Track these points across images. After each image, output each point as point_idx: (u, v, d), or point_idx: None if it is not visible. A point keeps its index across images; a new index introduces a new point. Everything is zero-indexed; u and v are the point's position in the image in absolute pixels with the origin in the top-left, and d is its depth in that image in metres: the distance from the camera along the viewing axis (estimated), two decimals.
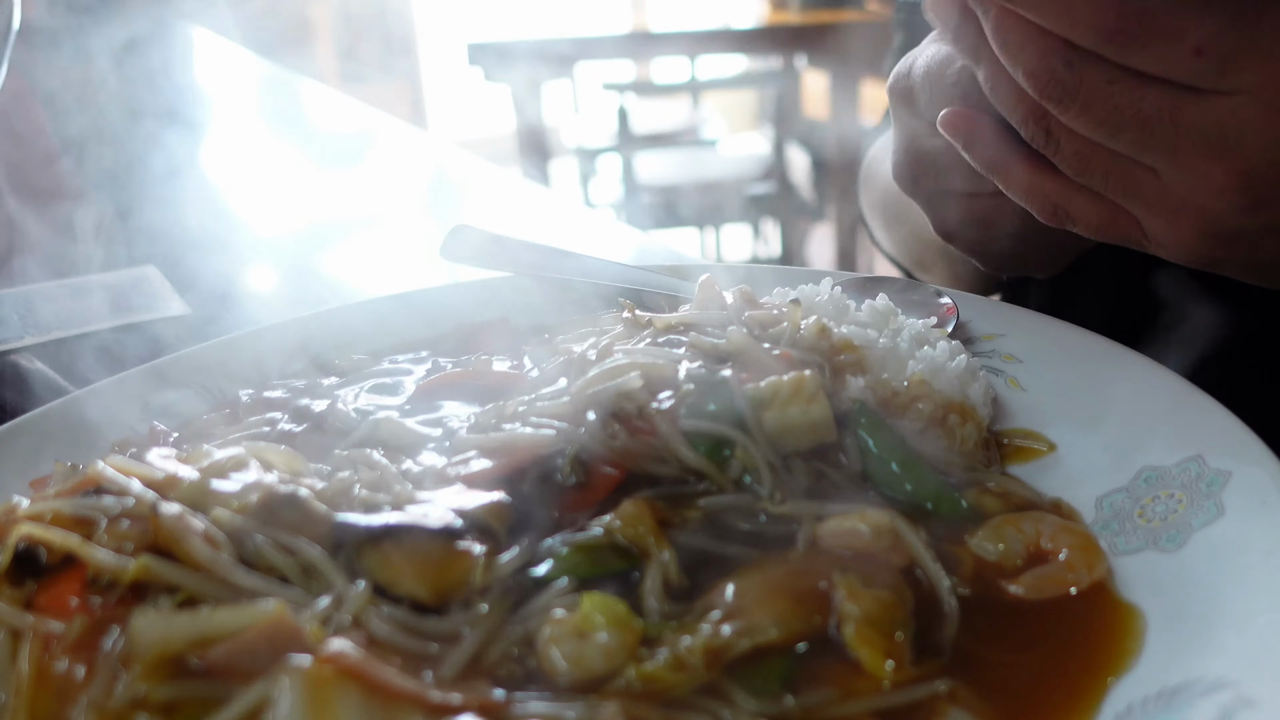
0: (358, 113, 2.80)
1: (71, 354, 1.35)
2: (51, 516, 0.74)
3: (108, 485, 0.78)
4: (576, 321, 1.23)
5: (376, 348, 1.22)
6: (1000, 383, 1.03)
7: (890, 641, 0.68)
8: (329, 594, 0.70)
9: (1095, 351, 1.00)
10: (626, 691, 0.66)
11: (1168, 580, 0.74)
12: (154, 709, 0.62)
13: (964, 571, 0.78)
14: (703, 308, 1.05)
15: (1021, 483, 0.89)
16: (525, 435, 0.85)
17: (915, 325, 1.05)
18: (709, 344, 0.95)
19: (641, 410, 0.85)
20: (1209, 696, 0.60)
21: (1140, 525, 0.80)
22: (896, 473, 0.86)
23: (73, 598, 0.70)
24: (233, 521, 0.73)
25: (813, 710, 0.65)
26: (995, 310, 1.13)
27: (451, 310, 1.28)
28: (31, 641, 0.68)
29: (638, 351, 0.94)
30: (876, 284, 1.19)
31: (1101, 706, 0.65)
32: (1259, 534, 0.72)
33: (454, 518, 0.76)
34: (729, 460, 0.83)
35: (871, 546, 0.76)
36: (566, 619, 0.69)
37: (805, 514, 0.79)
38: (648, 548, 0.76)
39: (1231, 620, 0.67)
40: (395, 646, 0.67)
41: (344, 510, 0.78)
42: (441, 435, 0.96)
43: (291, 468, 0.86)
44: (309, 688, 0.59)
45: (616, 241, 1.87)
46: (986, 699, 0.66)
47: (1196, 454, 0.82)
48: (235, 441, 0.93)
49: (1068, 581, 0.76)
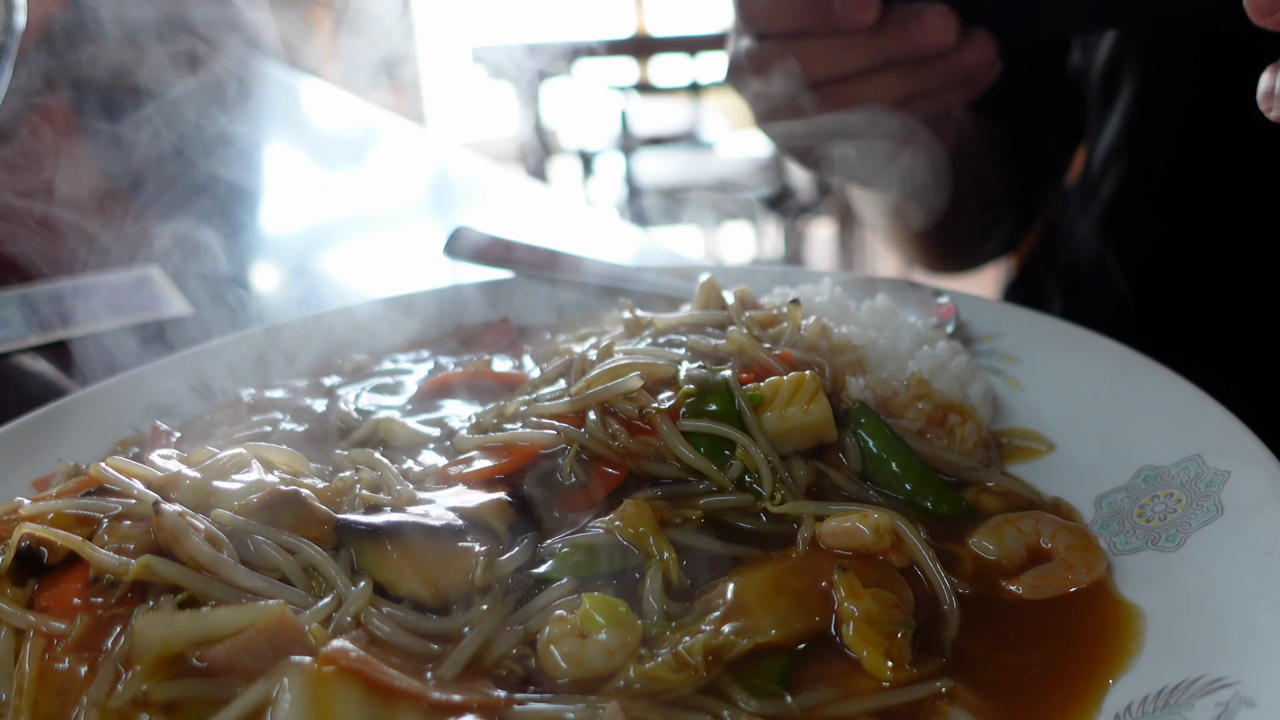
0: (359, 111, 2.80)
1: (74, 354, 1.36)
2: (54, 516, 0.75)
3: (109, 485, 0.78)
4: (577, 322, 1.23)
5: (377, 348, 1.22)
6: (1000, 383, 1.03)
7: (890, 641, 0.69)
8: (330, 594, 0.70)
9: (1095, 351, 1.00)
10: (626, 691, 0.66)
11: (1167, 579, 0.74)
12: (155, 708, 0.62)
13: (964, 571, 0.78)
14: (703, 308, 1.05)
15: (1021, 482, 0.89)
16: (526, 435, 0.86)
17: (915, 325, 1.06)
18: (709, 344, 0.95)
19: (642, 410, 0.85)
20: (1209, 696, 0.61)
21: (1139, 524, 0.80)
22: (896, 473, 0.86)
23: (75, 597, 0.70)
24: (234, 521, 0.73)
25: (813, 710, 0.65)
26: (995, 310, 1.13)
27: (452, 310, 1.28)
28: (34, 640, 0.68)
29: (638, 352, 0.94)
30: (876, 284, 1.19)
31: (1101, 706, 0.65)
32: (1258, 533, 0.72)
33: (455, 518, 0.76)
34: (729, 460, 0.83)
35: (871, 546, 0.76)
36: (567, 619, 0.69)
37: (805, 514, 0.80)
38: (648, 548, 0.76)
39: (1231, 620, 0.67)
40: (396, 646, 0.67)
41: (345, 510, 0.78)
42: (442, 435, 0.96)
43: (293, 468, 0.86)
44: (310, 687, 0.59)
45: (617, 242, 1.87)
46: (986, 698, 0.66)
47: (1195, 454, 0.82)
48: (237, 441, 0.93)
49: (1067, 581, 0.76)
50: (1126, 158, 1.38)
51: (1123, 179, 1.39)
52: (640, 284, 1.26)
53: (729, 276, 1.16)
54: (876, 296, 1.10)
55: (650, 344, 0.97)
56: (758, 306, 1.05)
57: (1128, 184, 1.39)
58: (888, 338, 1.03)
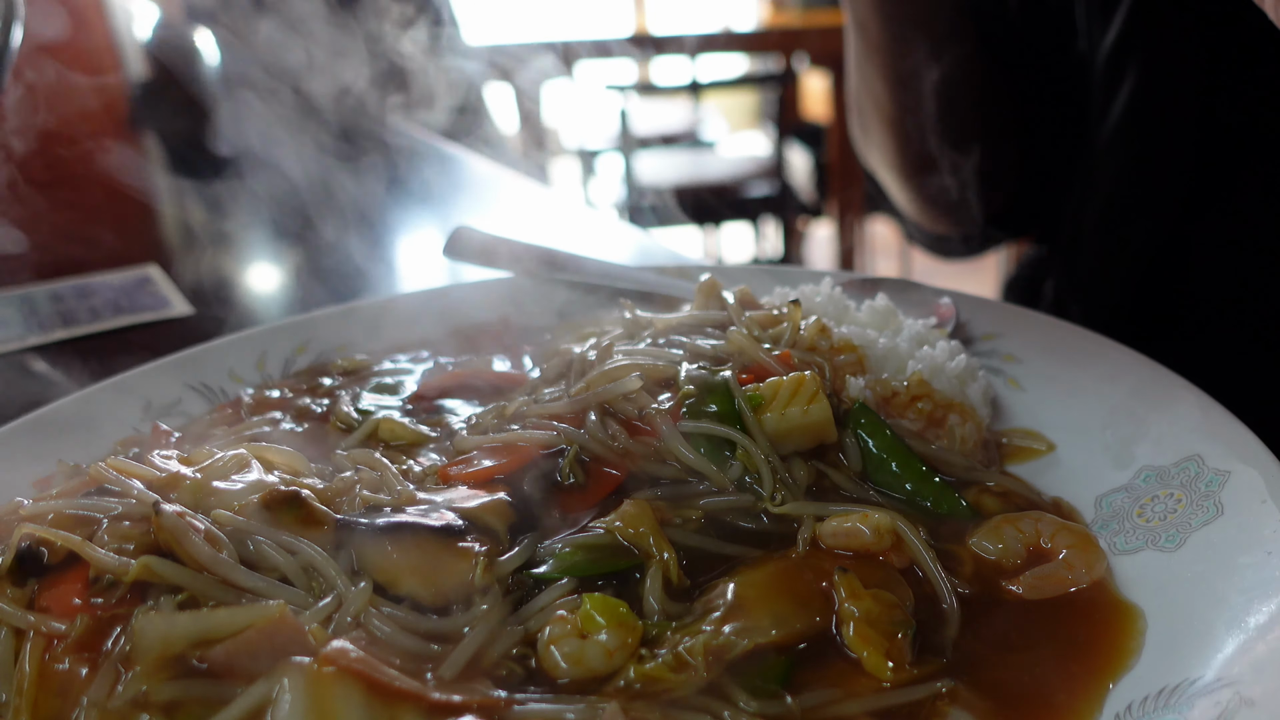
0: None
1: (74, 354, 1.36)
2: (54, 516, 0.75)
3: (109, 485, 0.78)
4: (576, 322, 1.23)
5: (377, 348, 1.22)
6: (1000, 383, 1.03)
7: (891, 641, 0.68)
8: (330, 594, 0.70)
9: (1095, 351, 1.00)
10: (627, 691, 0.66)
11: (1167, 579, 0.74)
12: (155, 708, 0.62)
13: (964, 571, 0.78)
14: (703, 308, 1.05)
15: (1021, 482, 0.89)
16: (526, 435, 0.85)
17: (915, 325, 1.06)
18: (709, 345, 0.95)
19: (641, 411, 0.85)
20: (1209, 696, 0.61)
21: (1139, 524, 0.80)
22: (896, 473, 0.86)
23: (75, 597, 0.70)
24: (234, 522, 0.73)
25: (813, 711, 0.65)
26: (995, 310, 1.13)
27: (452, 310, 1.28)
28: (34, 641, 0.68)
29: (638, 352, 0.94)
30: (876, 284, 1.19)
31: (1102, 706, 0.65)
32: (1258, 533, 0.72)
33: (455, 518, 0.76)
34: (729, 461, 0.83)
35: (872, 547, 0.76)
36: (567, 619, 0.69)
37: (805, 514, 0.80)
38: (648, 548, 0.76)
39: (1231, 620, 0.67)
40: (396, 646, 0.67)
41: (345, 510, 0.78)
42: (442, 435, 0.96)
43: (293, 468, 0.86)
44: (310, 687, 0.59)
45: (617, 241, 1.87)
46: (987, 699, 0.66)
47: (1195, 454, 0.82)
48: (237, 441, 0.93)
49: (1067, 581, 0.76)
50: (1127, 148, 1.38)
51: (1123, 171, 1.39)
52: (640, 284, 1.26)
53: (729, 276, 1.16)
54: (876, 296, 1.10)
55: (650, 344, 0.97)
56: (758, 306, 1.05)
57: (1128, 176, 1.38)
58: (888, 338, 1.03)
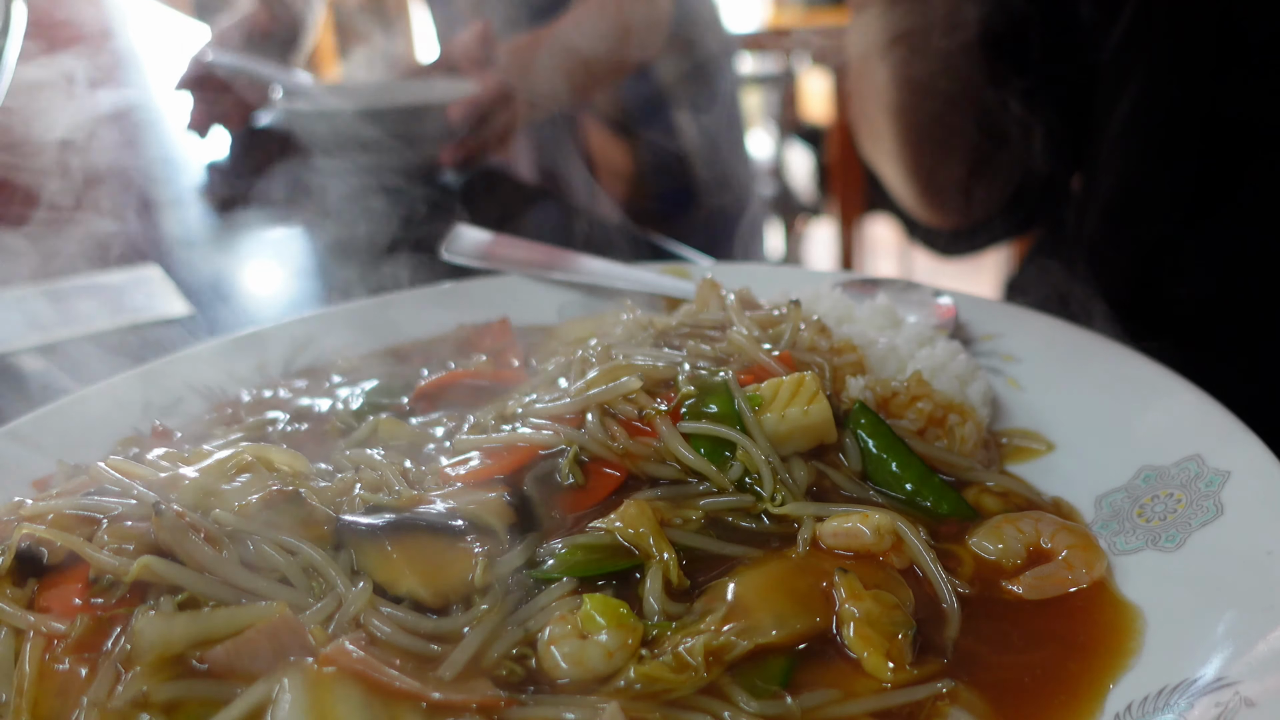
0: None
1: (74, 354, 1.36)
2: (54, 516, 0.75)
3: (110, 485, 0.78)
4: (576, 322, 1.23)
5: (377, 348, 1.22)
6: (1000, 383, 1.03)
7: (891, 642, 0.68)
8: (330, 594, 0.70)
9: (1095, 351, 1.00)
10: (627, 692, 0.66)
11: (1167, 579, 0.74)
12: (156, 708, 0.62)
13: (964, 571, 0.78)
14: (703, 308, 1.05)
15: (1021, 482, 0.89)
16: (525, 436, 0.85)
17: (915, 325, 1.06)
18: (709, 346, 0.95)
19: (641, 412, 0.85)
20: (1209, 696, 0.61)
21: (1139, 524, 0.80)
22: (896, 473, 0.86)
23: (75, 597, 0.70)
24: (234, 522, 0.73)
25: (813, 711, 0.65)
26: (995, 310, 1.13)
27: (452, 310, 1.28)
28: (34, 641, 0.68)
29: (638, 353, 0.94)
30: (876, 284, 1.19)
31: (1102, 706, 0.65)
32: (1258, 533, 0.72)
33: (454, 518, 0.76)
34: (729, 461, 0.83)
35: (872, 547, 0.76)
36: (567, 619, 0.69)
37: (806, 514, 0.80)
38: (648, 548, 0.76)
39: (1231, 620, 0.67)
40: (396, 646, 0.67)
41: (345, 511, 0.78)
42: (442, 435, 0.96)
43: (293, 468, 0.86)
44: (310, 687, 0.59)
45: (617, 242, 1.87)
46: (987, 699, 0.66)
47: (1195, 453, 0.82)
48: (237, 442, 0.93)
49: (1067, 581, 0.76)
50: (1131, 146, 1.38)
51: (1127, 169, 1.38)
52: (640, 284, 1.26)
53: (729, 276, 1.16)
54: (876, 296, 1.10)
55: (650, 345, 0.97)
56: (758, 307, 1.05)
57: (1132, 175, 1.38)
58: (888, 338, 1.03)
